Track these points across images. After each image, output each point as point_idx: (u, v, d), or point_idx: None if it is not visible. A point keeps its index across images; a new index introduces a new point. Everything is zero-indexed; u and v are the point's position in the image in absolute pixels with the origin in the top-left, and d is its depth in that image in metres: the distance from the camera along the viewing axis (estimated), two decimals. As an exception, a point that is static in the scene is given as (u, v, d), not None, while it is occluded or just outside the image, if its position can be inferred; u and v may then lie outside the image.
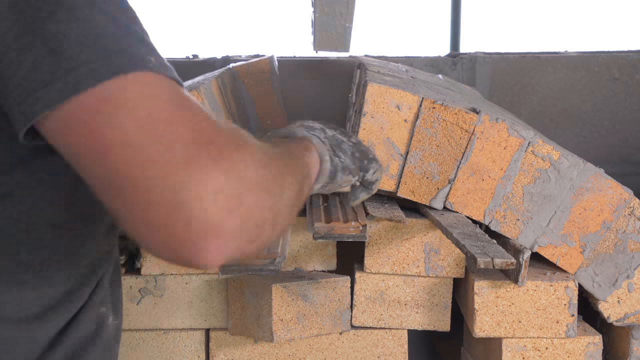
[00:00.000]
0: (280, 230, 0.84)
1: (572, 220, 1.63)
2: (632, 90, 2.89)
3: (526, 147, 1.61)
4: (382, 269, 1.66)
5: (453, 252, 1.64)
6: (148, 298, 1.67)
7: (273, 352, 1.65)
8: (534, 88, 2.90)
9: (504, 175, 1.62)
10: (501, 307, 1.59)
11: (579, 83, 2.89)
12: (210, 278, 1.67)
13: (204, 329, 1.69)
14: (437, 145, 1.62)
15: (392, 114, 1.62)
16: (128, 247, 1.74)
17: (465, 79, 2.83)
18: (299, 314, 1.59)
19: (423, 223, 1.65)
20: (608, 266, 1.64)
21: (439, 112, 1.61)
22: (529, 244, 1.63)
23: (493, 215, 1.63)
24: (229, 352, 1.66)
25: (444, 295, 1.67)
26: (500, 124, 1.61)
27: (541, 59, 2.90)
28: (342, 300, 1.63)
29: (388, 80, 1.72)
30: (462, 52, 3.07)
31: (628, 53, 2.91)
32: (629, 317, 1.66)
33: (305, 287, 1.59)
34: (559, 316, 1.59)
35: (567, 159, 1.62)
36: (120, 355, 1.67)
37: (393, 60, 2.65)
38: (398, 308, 1.67)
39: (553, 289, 1.59)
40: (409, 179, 1.63)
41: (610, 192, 1.62)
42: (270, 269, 1.31)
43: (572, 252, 1.64)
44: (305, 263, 1.69)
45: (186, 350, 1.68)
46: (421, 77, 2.12)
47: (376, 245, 1.65)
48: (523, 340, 1.61)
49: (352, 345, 1.67)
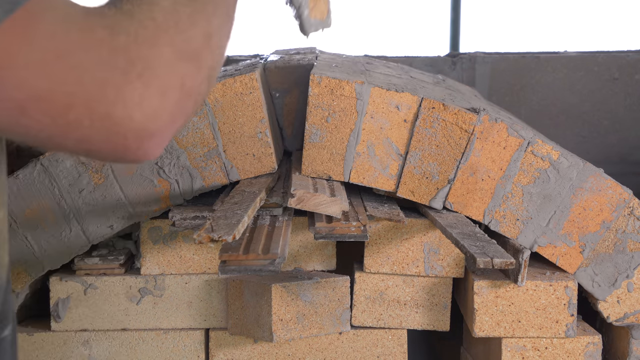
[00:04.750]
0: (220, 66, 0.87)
1: (572, 220, 1.63)
2: (631, 90, 2.89)
3: (526, 147, 1.61)
4: (381, 268, 1.66)
5: (452, 252, 1.65)
6: (148, 298, 1.67)
7: (273, 352, 1.66)
8: (533, 88, 2.90)
9: (503, 175, 1.62)
10: (501, 306, 1.59)
11: (579, 83, 2.90)
12: (210, 278, 1.68)
13: (204, 328, 1.69)
14: (437, 145, 1.62)
15: (391, 114, 1.62)
16: (128, 247, 1.74)
17: (465, 78, 2.83)
18: (299, 313, 1.59)
19: (422, 223, 1.65)
20: (607, 266, 1.64)
21: (439, 112, 1.61)
22: (529, 244, 1.64)
23: (492, 215, 1.64)
24: (228, 352, 1.67)
25: (444, 295, 1.67)
26: (500, 124, 1.61)
27: (541, 58, 2.90)
28: (342, 300, 1.63)
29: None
30: (462, 52, 3.08)
31: (628, 53, 2.92)
32: (628, 316, 1.66)
33: (305, 286, 1.59)
34: (559, 316, 1.59)
35: (567, 159, 1.62)
36: (120, 355, 1.67)
37: (393, 60, 2.65)
38: (397, 308, 1.67)
39: (553, 288, 1.59)
40: (408, 179, 1.63)
41: (609, 192, 1.62)
42: (270, 270, 1.31)
43: (571, 252, 1.64)
44: (305, 263, 1.69)
45: (186, 350, 1.68)
46: (420, 77, 2.12)
47: (376, 245, 1.65)
48: (523, 340, 1.61)
49: (352, 345, 1.67)
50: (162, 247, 1.67)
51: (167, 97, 0.77)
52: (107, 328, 1.67)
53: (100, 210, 1.65)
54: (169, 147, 1.62)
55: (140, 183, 1.64)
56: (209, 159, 1.63)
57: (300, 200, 1.46)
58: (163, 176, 1.63)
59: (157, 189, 1.64)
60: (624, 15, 3.97)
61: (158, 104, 0.76)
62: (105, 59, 0.73)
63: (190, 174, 1.63)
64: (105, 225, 1.65)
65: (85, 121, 0.73)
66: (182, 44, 0.79)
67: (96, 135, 0.74)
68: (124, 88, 0.74)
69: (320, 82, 1.59)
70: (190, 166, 1.63)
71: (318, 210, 1.47)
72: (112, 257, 1.68)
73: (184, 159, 1.63)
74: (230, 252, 1.32)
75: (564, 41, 4.05)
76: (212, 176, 1.64)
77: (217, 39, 0.84)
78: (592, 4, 4.11)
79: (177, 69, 0.78)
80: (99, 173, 1.63)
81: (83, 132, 0.74)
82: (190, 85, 0.79)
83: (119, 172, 1.63)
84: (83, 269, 1.66)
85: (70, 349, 1.67)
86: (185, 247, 1.67)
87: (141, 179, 1.64)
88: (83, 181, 1.63)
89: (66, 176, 1.63)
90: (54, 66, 0.72)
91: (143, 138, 0.76)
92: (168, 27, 0.79)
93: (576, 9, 4.11)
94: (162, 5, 0.79)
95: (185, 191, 1.64)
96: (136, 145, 0.77)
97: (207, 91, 0.84)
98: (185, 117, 0.80)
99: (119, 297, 1.67)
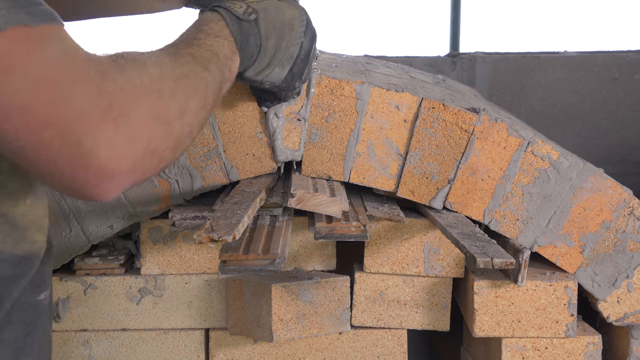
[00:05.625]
0: (186, 146, 0.96)
1: (572, 220, 1.63)
2: (631, 90, 2.89)
3: (526, 147, 1.61)
4: (381, 268, 1.66)
5: (452, 252, 1.65)
6: (148, 298, 1.67)
7: (273, 352, 1.66)
8: (533, 88, 2.90)
9: (503, 175, 1.62)
10: (501, 306, 1.59)
11: (579, 83, 2.90)
12: (210, 278, 1.68)
13: (204, 328, 1.69)
14: (437, 145, 1.62)
15: (391, 114, 1.62)
16: (128, 247, 1.74)
17: (465, 78, 2.83)
18: (299, 313, 1.59)
19: (422, 223, 1.65)
20: (607, 266, 1.64)
21: (439, 112, 1.61)
22: (529, 244, 1.64)
23: (492, 215, 1.64)
24: (228, 352, 1.67)
25: (444, 295, 1.67)
26: (500, 124, 1.61)
27: (541, 58, 2.90)
28: (342, 300, 1.63)
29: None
30: (462, 52, 3.08)
31: (627, 53, 2.92)
32: (628, 316, 1.66)
33: (304, 286, 1.59)
34: (559, 316, 1.60)
35: (567, 159, 1.62)
36: (120, 355, 1.67)
37: (393, 60, 2.65)
38: (397, 308, 1.67)
39: (553, 288, 1.59)
40: (408, 179, 1.63)
41: (609, 192, 1.62)
42: (270, 270, 1.31)
43: (571, 252, 1.64)
44: (304, 263, 1.69)
45: (186, 350, 1.68)
46: (420, 77, 2.12)
47: (376, 245, 1.65)
48: (523, 340, 1.61)
49: (352, 345, 1.67)
50: (162, 247, 1.67)
51: (132, 147, 0.84)
52: (107, 328, 1.67)
53: (100, 210, 1.65)
54: (169, 147, 1.62)
55: (140, 183, 1.64)
56: (209, 159, 1.63)
57: (300, 200, 1.46)
58: (163, 176, 1.63)
59: (157, 189, 1.64)
60: (624, 15, 3.97)
61: (123, 150, 0.83)
62: (91, 96, 0.81)
63: (190, 174, 1.63)
64: (105, 225, 1.65)
65: (56, 142, 0.80)
66: (159, 109, 0.88)
67: (62, 159, 0.81)
68: (99, 125, 0.81)
69: (320, 82, 1.59)
70: (190, 166, 1.63)
71: (318, 210, 1.47)
72: (112, 257, 1.68)
73: (184, 158, 1.63)
74: (230, 252, 1.32)
75: (564, 41, 4.05)
76: (212, 176, 1.64)
77: (190, 118, 0.94)
78: (592, 4, 4.10)
79: (148, 127, 0.86)
80: (99, 173, 1.63)
81: (52, 153, 0.80)
82: (155, 145, 0.87)
83: (119, 172, 1.63)
84: (83, 269, 1.66)
85: (70, 349, 1.67)
86: (185, 247, 1.67)
87: (141, 179, 1.64)
88: (83, 181, 1.63)
89: (66, 176, 1.63)
90: (46, 86, 0.79)
91: (102, 177, 0.83)
92: (151, 90, 0.88)
93: (576, 9, 4.11)
94: (150, 72, 0.89)
95: (185, 191, 1.64)
96: (94, 181, 0.83)
97: (169, 160, 0.92)
98: (142, 174, 0.88)
99: (119, 297, 1.67)
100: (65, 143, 0.80)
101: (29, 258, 0.97)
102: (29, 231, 0.97)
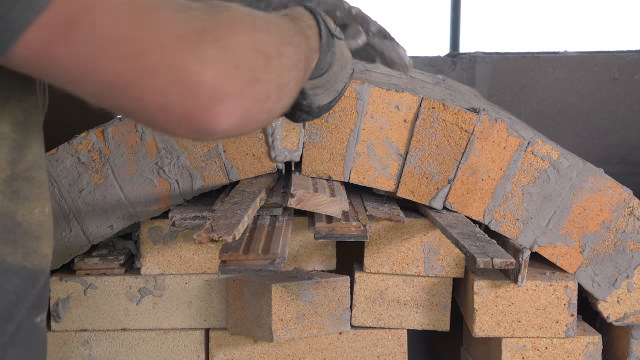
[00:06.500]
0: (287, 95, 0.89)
1: (572, 220, 1.63)
2: (631, 90, 2.89)
3: (526, 147, 1.61)
4: (381, 268, 1.66)
5: (452, 252, 1.65)
6: (148, 298, 1.67)
7: (273, 352, 1.66)
8: (533, 88, 2.90)
9: (503, 175, 1.62)
10: (501, 306, 1.59)
11: (579, 83, 2.90)
12: (210, 278, 1.68)
13: (204, 328, 1.69)
14: (437, 145, 1.62)
15: (391, 114, 1.62)
16: (128, 247, 1.74)
17: (465, 78, 2.83)
18: (299, 313, 1.59)
19: (422, 223, 1.65)
20: (607, 266, 1.64)
21: (439, 112, 1.61)
22: (529, 244, 1.64)
23: (492, 215, 1.64)
24: (228, 352, 1.67)
25: (444, 295, 1.67)
26: (500, 124, 1.61)
27: (541, 58, 2.90)
28: (342, 300, 1.63)
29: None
30: (462, 52, 3.08)
31: (627, 53, 2.92)
32: (628, 316, 1.66)
33: (304, 286, 1.59)
34: (559, 316, 1.60)
35: (567, 159, 1.62)
36: (120, 355, 1.67)
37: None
38: (397, 308, 1.67)
39: (553, 288, 1.59)
40: (408, 179, 1.63)
41: (609, 192, 1.62)
42: (270, 270, 1.31)
43: (571, 252, 1.64)
44: (304, 263, 1.69)
45: (186, 350, 1.68)
46: (420, 77, 2.12)
47: (376, 245, 1.65)
48: (523, 340, 1.61)
49: (352, 345, 1.67)
50: (162, 247, 1.67)
51: (238, 69, 0.80)
52: (107, 328, 1.67)
53: (100, 210, 1.65)
54: (169, 146, 1.62)
55: (140, 183, 1.64)
56: (208, 159, 1.63)
57: (300, 200, 1.46)
58: (163, 176, 1.63)
59: (157, 189, 1.64)
60: (624, 15, 3.97)
61: (229, 72, 0.79)
62: (183, 20, 0.78)
63: (190, 174, 1.63)
64: (105, 225, 1.65)
65: (160, 69, 0.76)
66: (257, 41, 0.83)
67: (170, 86, 0.77)
68: (199, 44, 0.77)
69: (320, 82, 1.59)
70: (190, 166, 1.63)
71: (318, 210, 1.47)
72: (112, 257, 1.68)
73: (184, 158, 1.63)
74: (230, 252, 1.32)
75: (564, 41, 4.05)
76: (212, 176, 1.64)
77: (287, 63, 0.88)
78: (592, 4, 4.11)
79: (248, 54, 0.81)
80: (99, 173, 1.63)
81: (158, 81, 0.76)
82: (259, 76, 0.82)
83: (118, 172, 1.63)
84: (83, 269, 1.66)
85: (70, 349, 1.67)
86: (185, 247, 1.67)
87: (141, 179, 1.64)
88: (83, 181, 1.63)
89: (66, 176, 1.63)
90: (136, 14, 0.76)
91: (214, 98, 0.78)
92: (245, 21, 0.84)
93: (576, 9, 4.11)
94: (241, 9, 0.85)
95: (185, 191, 1.64)
96: (206, 104, 0.78)
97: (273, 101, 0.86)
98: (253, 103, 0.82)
99: (119, 297, 1.67)
100: (169, 67, 0.76)
101: (37, 274, 0.90)
102: (42, 241, 0.91)
